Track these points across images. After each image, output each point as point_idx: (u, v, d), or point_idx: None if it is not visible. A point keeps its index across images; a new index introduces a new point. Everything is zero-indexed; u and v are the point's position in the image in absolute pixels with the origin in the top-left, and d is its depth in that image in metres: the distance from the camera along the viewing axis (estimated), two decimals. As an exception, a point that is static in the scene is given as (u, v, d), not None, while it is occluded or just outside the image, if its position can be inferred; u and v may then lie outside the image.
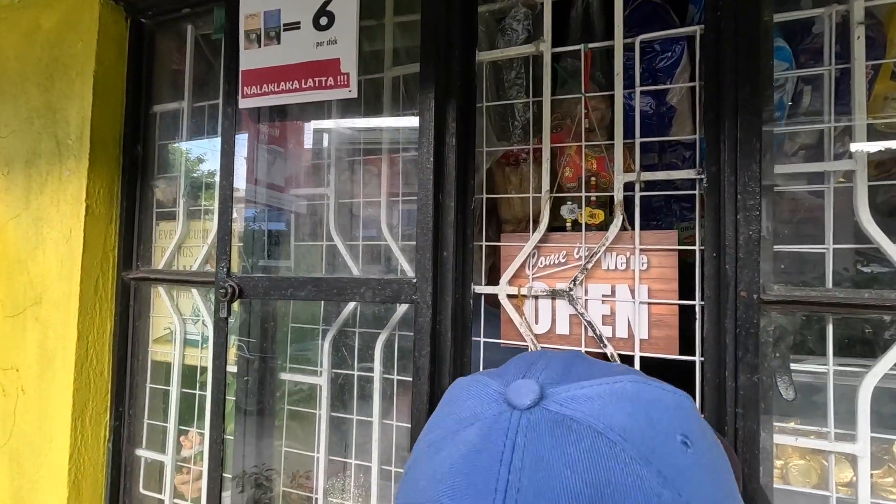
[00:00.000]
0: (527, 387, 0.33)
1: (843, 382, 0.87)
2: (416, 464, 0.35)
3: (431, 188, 0.91)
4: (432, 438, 0.36)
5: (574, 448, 0.30)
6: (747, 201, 0.85)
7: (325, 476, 1.19)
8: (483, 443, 0.32)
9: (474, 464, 0.31)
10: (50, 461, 1.38)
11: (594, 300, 1.02)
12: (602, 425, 0.31)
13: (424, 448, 0.36)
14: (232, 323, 1.09)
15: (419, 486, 0.33)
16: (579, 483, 0.29)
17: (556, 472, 0.29)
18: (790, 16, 0.90)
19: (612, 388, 0.34)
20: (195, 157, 1.48)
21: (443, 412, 0.38)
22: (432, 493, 0.31)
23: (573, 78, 1.11)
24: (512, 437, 0.31)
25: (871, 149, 0.84)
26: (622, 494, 0.28)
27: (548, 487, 0.28)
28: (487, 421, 0.33)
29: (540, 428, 0.31)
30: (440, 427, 0.36)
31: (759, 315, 0.84)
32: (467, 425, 0.34)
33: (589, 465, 0.29)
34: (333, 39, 0.95)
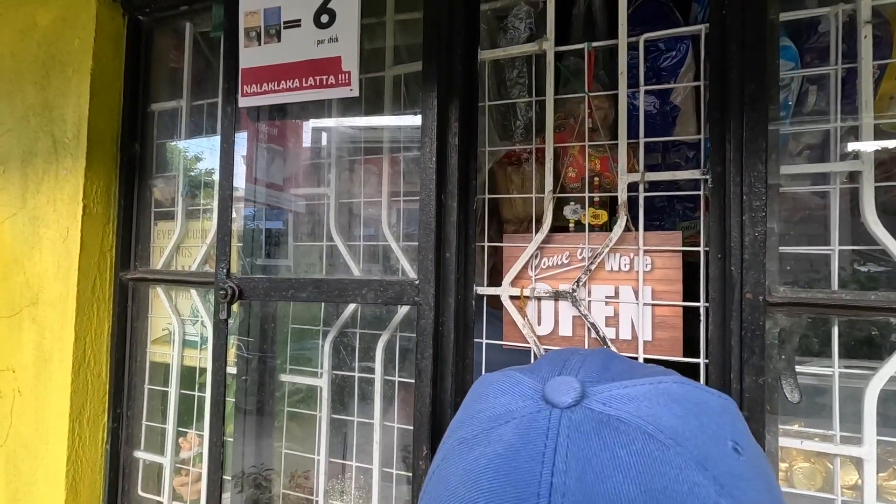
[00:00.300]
0: (566, 384, 0.31)
1: (848, 385, 0.86)
2: (445, 462, 0.33)
3: (434, 188, 0.90)
4: (463, 436, 0.33)
5: (625, 451, 0.28)
6: (753, 202, 0.84)
7: (326, 478, 1.18)
8: (521, 442, 0.29)
9: (513, 464, 0.29)
10: (47, 463, 1.37)
11: (597, 301, 1.01)
12: (652, 427, 0.29)
13: (455, 445, 0.33)
14: (232, 324, 1.08)
15: (450, 486, 0.31)
16: (633, 488, 0.26)
17: (606, 475, 0.27)
18: (796, 14, 0.89)
19: (657, 389, 0.32)
20: (194, 157, 1.47)
21: (472, 409, 0.36)
22: (466, 494, 0.29)
23: (576, 77, 1.10)
24: (553, 437, 0.29)
25: (879, 149, 0.83)
26: (678, 502, 0.26)
27: (597, 492, 0.26)
28: (525, 419, 0.31)
29: (584, 428, 0.29)
30: (471, 424, 0.34)
31: (764, 317, 0.83)
32: (502, 423, 0.32)
33: (642, 468, 0.27)
34: (335, 37, 0.94)
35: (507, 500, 0.27)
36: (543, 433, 0.29)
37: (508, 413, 0.32)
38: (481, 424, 0.33)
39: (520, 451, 0.29)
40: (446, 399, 0.92)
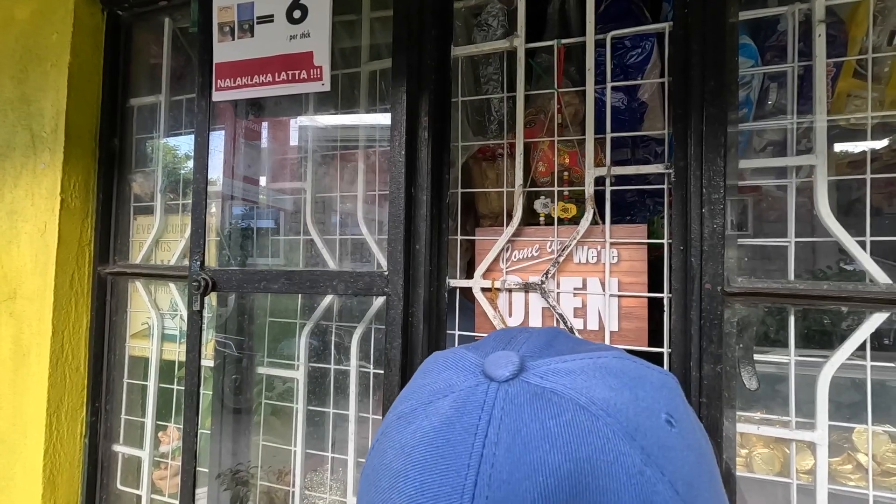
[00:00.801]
0: (506, 358, 0.32)
1: (804, 372, 0.89)
2: (384, 436, 0.33)
3: (403, 181, 0.92)
4: (403, 410, 0.34)
5: (554, 421, 0.28)
6: (712, 195, 0.86)
7: (303, 470, 1.19)
8: (457, 415, 0.30)
9: (447, 437, 0.29)
10: (24, 458, 1.37)
11: (566, 293, 1.03)
12: (584, 399, 0.29)
13: (394, 420, 0.34)
14: (209, 317, 1.09)
15: (386, 458, 0.31)
16: (558, 457, 0.27)
17: (533, 445, 0.28)
18: (755, 13, 0.91)
19: (595, 363, 0.33)
20: (173, 152, 1.47)
21: (416, 384, 0.36)
22: (399, 465, 0.30)
23: (548, 74, 1.12)
24: (488, 410, 0.29)
25: (832, 145, 0.86)
26: (603, 471, 0.27)
27: (524, 461, 0.27)
28: (463, 393, 0.31)
29: (518, 400, 0.30)
30: (412, 398, 0.34)
31: (722, 306, 0.85)
32: (441, 396, 0.32)
33: (569, 438, 0.28)
34: (307, 33, 0.95)
35: (437, 471, 0.28)
36: (479, 406, 0.30)
37: (448, 387, 0.32)
38: (420, 399, 0.33)
39: (455, 423, 0.30)
40: (416, 388, 0.93)
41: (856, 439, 0.91)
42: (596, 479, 0.27)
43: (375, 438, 0.35)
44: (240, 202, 1.24)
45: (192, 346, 1.05)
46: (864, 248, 0.82)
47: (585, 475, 0.27)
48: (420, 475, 0.28)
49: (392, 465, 0.30)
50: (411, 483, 0.28)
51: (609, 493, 0.26)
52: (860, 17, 0.92)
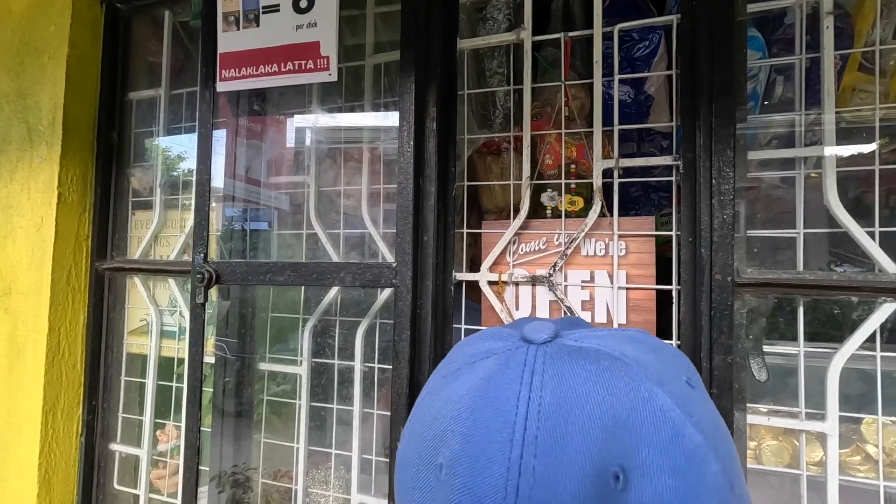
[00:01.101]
0: (543, 325, 0.35)
1: (813, 364, 0.89)
2: (429, 395, 0.35)
3: (412, 172, 0.91)
4: (447, 370, 0.36)
5: (594, 366, 0.31)
6: (722, 186, 0.86)
7: (306, 467, 1.17)
8: (501, 369, 0.33)
9: (495, 385, 0.32)
10: (19, 456, 1.34)
11: (574, 286, 1.03)
12: (617, 353, 0.33)
13: (439, 380, 0.36)
14: (210, 312, 1.07)
15: (433, 409, 0.34)
16: (600, 391, 0.30)
17: (576, 383, 0.30)
18: (763, 6, 0.92)
19: (620, 333, 0.36)
20: (172, 146, 1.46)
21: (456, 353, 0.38)
22: (450, 412, 0.32)
23: (553, 67, 1.12)
24: (531, 364, 0.32)
25: (840, 137, 0.86)
26: (640, 406, 0.30)
27: (568, 397, 0.30)
28: (505, 353, 0.34)
29: (558, 355, 0.33)
30: (455, 362, 0.36)
31: (732, 297, 0.85)
32: (484, 357, 0.35)
33: (608, 378, 0.31)
34: (313, 22, 0.94)
35: (489, 411, 0.30)
36: (521, 362, 0.33)
37: (489, 351, 0.35)
38: (464, 360, 0.36)
39: (500, 376, 0.32)
40: (423, 381, 0.92)
41: (864, 430, 0.91)
42: (634, 412, 0.30)
43: (419, 399, 0.37)
44: (241, 197, 1.22)
45: (194, 340, 1.03)
46: (874, 238, 0.83)
47: (625, 408, 0.29)
48: (472, 415, 0.31)
49: (442, 413, 0.33)
50: (464, 422, 0.31)
51: (646, 425, 0.29)
52: (866, 9, 0.93)
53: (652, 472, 0.28)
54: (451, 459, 0.30)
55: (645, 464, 0.28)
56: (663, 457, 0.28)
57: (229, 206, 1.19)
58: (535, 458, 0.28)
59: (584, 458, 0.28)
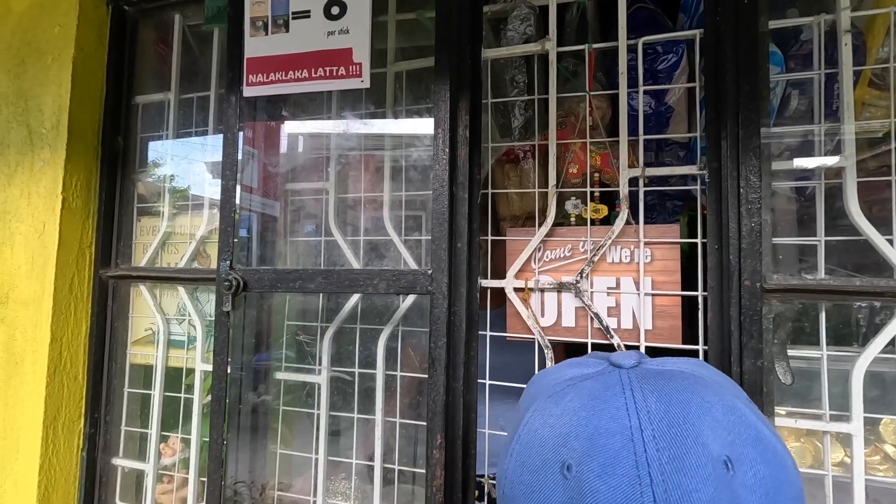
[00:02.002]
0: (628, 354, 0.41)
1: (834, 367, 0.92)
2: (536, 414, 0.39)
3: (447, 178, 0.91)
4: (549, 392, 0.40)
5: (683, 382, 0.37)
6: (749, 195, 0.89)
7: (325, 478, 1.15)
8: (602, 387, 0.38)
9: (602, 398, 0.37)
10: (16, 473, 1.28)
11: (599, 293, 1.04)
12: (696, 373, 0.39)
13: (545, 400, 0.40)
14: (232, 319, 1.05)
15: (549, 422, 0.38)
16: (696, 399, 0.36)
17: (674, 394, 0.36)
18: (783, 23, 0.96)
19: (688, 360, 0.42)
20: (181, 150, 1.42)
21: (547, 380, 0.42)
22: (570, 421, 0.36)
23: (575, 77, 1.14)
24: (626, 382, 0.38)
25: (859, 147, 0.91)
26: (729, 412, 0.36)
27: (673, 403, 0.36)
28: (600, 376, 0.39)
29: (648, 375, 0.38)
30: (552, 387, 0.40)
31: (761, 303, 0.88)
32: (582, 380, 0.40)
33: (698, 391, 0.37)
34: (345, 29, 0.94)
35: (604, 420, 0.35)
36: (618, 381, 0.38)
37: (584, 375, 0.40)
38: (564, 383, 0.40)
39: (603, 391, 0.38)
40: (458, 388, 0.92)
41: (882, 431, 0.95)
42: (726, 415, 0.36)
43: (525, 419, 0.40)
44: (259, 203, 1.20)
45: (220, 348, 1.01)
46: (893, 245, 0.86)
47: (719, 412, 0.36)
48: (591, 421, 0.36)
49: (560, 423, 0.37)
50: (585, 428, 0.35)
51: (737, 426, 0.35)
52: (877, 28, 0.98)
53: (748, 461, 0.34)
54: (579, 459, 0.34)
55: (742, 455, 0.34)
56: (754, 451, 0.34)
57: (245, 213, 1.17)
58: (659, 452, 0.32)
59: (700, 449, 0.33)
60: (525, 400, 0.44)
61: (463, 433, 0.94)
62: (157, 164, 1.43)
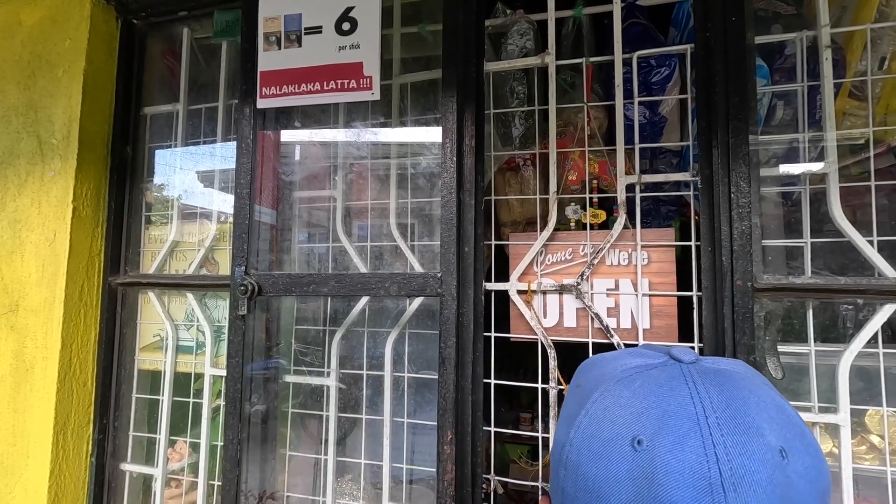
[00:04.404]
0: (686, 351, 0.45)
1: (822, 362, 0.97)
2: (606, 392, 0.44)
3: (455, 185, 0.96)
4: (619, 377, 0.44)
5: (740, 380, 0.42)
6: (740, 199, 0.95)
7: (334, 478, 1.18)
8: (668, 377, 0.42)
9: (668, 387, 0.41)
10: (26, 479, 1.29)
11: (599, 294, 1.09)
12: (749, 373, 0.44)
13: (612, 384, 0.44)
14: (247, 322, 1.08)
15: (619, 402, 0.42)
16: (753, 398, 0.40)
17: (734, 389, 0.40)
18: (768, 38, 1.02)
19: (736, 361, 0.47)
20: (189, 160, 1.46)
21: (611, 366, 0.47)
22: (640, 402, 0.41)
23: (573, 89, 1.19)
24: (688, 375, 0.42)
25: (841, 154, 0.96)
26: (780, 407, 0.41)
27: (734, 397, 0.40)
28: (665, 367, 0.44)
29: (706, 371, 0.42)
30: (619, 371, 0.45)
31: (752, 301, 0.93)
32: (647, 369, 0.44)
33: (756, 387, 0.42)
34: (356, 44, 0.99)
35: (672, 405, 0.39)
36: (680, 373, 0.42)
37: (649, 365, 0.45)
38: (632, 370, 0.45)
39: (668, 381, 0.42)
40: (467, 386, 0.96)
41: (868, 422, 1.00)
42: (778, 412, 0.40)
43: (591, 398, 0.44)
44: (268, 210, 1.24)
45: (234, 351, 1.04)
46: (874, 246, 0.92)
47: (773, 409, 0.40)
48: (660, 404, 0.40)
49: (631, 403, 0.41)
50: (655, 409, 0.39)
51: (786, 423, 0.40)
52: (855, 44, 1.04)
53: (797, 452, 0.38)
54: (650, 436, 0.38)
55: (793, 447, 0.38)
56: (801, 444, 0.39)
57: (255, 216, 1.20)
58: (723, 437, 0.36)
59: (759, 438, 0.37)
60: (588, 380, 0.48)
61: (471, 431, 0.98)
62: (165, 173, 1.46)
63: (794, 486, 0.36)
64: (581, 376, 0.50)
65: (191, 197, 1.43)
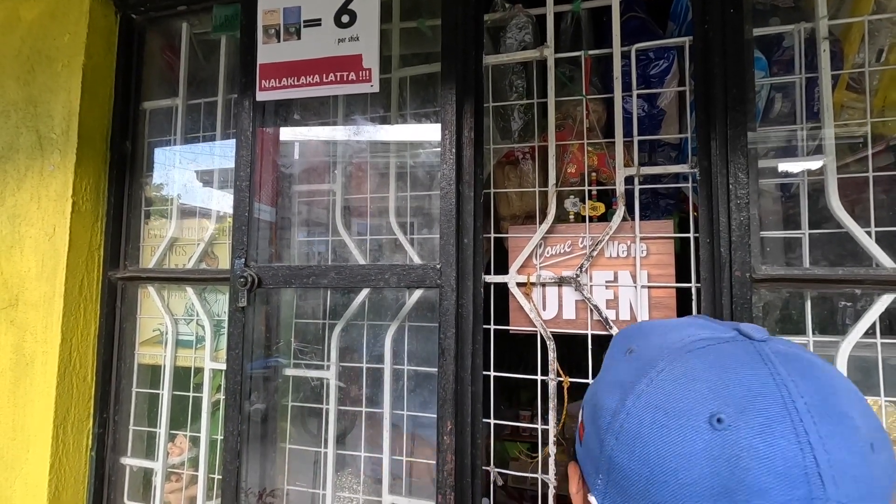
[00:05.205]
0: (756, 327, 0.42)
1: (820, 353, 0.97)
2: (677, 364, 0.41)
3: (454, 177, 0.96)
4: (689, 347, 0.41)
5: (817, 362, 0.39)
6: (738, 191, 0.95)
7: (334, 471, 1.18)
8: (744, 353, 0.39)
9: (749, 364, 0.38)
10: (26, 473, 1.29)
11: (598, 286, 1.10)
12: (817, 356, 0.40)
13: (683, 354, 0.41)
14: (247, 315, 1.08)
15: (694, 374, 0.39)
16: (836, 383, 0.38)
17: (816, 373, 0.37)
18: (767, 30, 1.02)
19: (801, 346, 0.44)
20: (188, 155, 1.46)
21: (671, 335, 0.44)
22: (720, 377, 0.38)
23: (571, 82, 1.20)
24: (765, 354, 0.39)
25: (839, 145, 0.97)
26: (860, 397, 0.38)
27: (822, 383, 0.37)
28: (738, 343, 0.41)
29: (781, 352, 0.39)
30: (690, 343, 0.42)
31: (751, 291, 0.94)
32: (719, 343, 0.41)
33: (838, 375, 0.39)
34: (355, 36, 0.99)
35: (755, 385, 0.37)
36: (754, 351, 0.39)
37: (720, 338, 0.41)
38: (703, 342, 0.41)
39: (745, 358, 0.39)
40: (466, 377, 0.96)
41: (866, 412, 1.00)
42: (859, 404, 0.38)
43: (656, 366, 0.42)
44: (268, 203, 1.24)
45: (234, 343, 1.04)
46: (871, 237, 0.93)
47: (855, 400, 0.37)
48: (742, 383, 0.37)
49: (707, 377, 0.38)
50: (737, 388, 0.37)
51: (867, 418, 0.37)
52: (853, 36, 1.05)
53: (881, 445, 0.36)
54: (733, 416, 0.36)
55: (878, 439, 0.36)
56: (881, 436, 0.37)
57: (254, 210, 1.20)
58: (816, 424, 0.34)
59: (853, 429, 0.35)
60: (646, 347, 0.45)
61: (471, 422, 0.98)
62: (165, 168, 1.46)
63: (878, 481, 0.35)
64: (633, 341, 0.47)
65: (190, 192, 1.44)
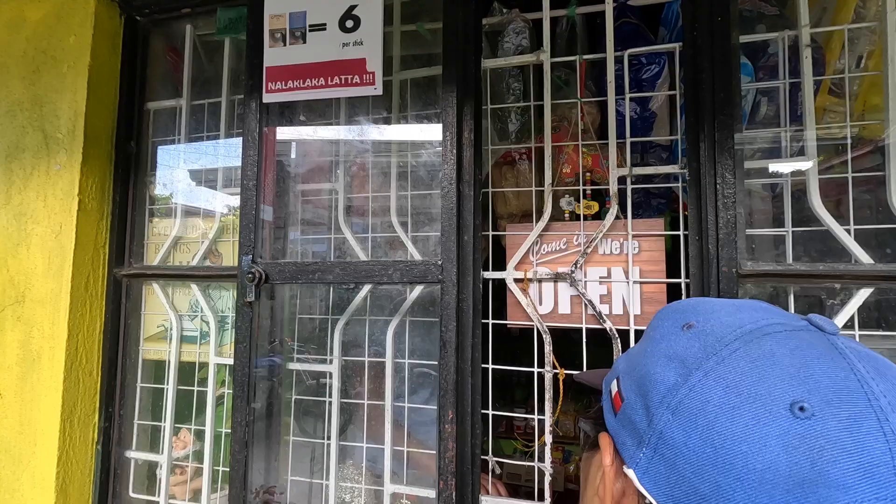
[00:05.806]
0: (826, 319, 0.41)
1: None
2: (752, 345, 0.40)
3: (454, 177, 1.00)
4: (765, 330, 0.40)
5: (884, 359, 0.38)
6: (725, 190, 1.00)
7: (336, 464, 1.22)
8: (821, 342, 0.38)
9: (829, 354, 0.37)
10: (34, 467, 1.32)
11: (592, 282, 1.14)
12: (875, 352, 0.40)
13: (758, 336, 0.40)
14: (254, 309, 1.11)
15: (774, 359, 0.38)
16: None
17: (884, 364, 0.37)
18: (752, 37, 1.07)
19: None
20: (192, 155, 1.49)
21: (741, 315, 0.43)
22: (804, 364, 0.37)
23: (567, 85, 1.24)
24: (838, 346, 0.38)
25: (820, 147, 1.02)
26: None
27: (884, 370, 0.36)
28: (811, 333, 0.40)
29: (852, 346, 0.38)
30: (766, 326, 0.41)
31: (737, 287, 0.98)
32: (795, 330, 0.40)
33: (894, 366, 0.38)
34: (359, 41, 1.03)
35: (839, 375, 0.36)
36: (827, 342, 0.38)
37: (793, 325, 0.40)
38: (777, 326, 0.40)
39: (825, 348, 0.38)
40: (466, 369, 1.01)
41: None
42: None
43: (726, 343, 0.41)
44: (272, 201, 1.28)
45: (242, 336, 1.07)
46: (850, 234, 0.98)
47: None
48: (825, 372, 0.36)
49: (789, 362, 0.37)
50: (823, 378, 0.36)
51: None
52: (834, 43, 1.10)
53: None
54: (819, 406, 0.34)
55: None
56: None
57: (260, 210, 1.24)
58: None
59: None
60: (712, 324, 0.43)
61: (471, 412, 1.02)
62: (169, 167, 1.49)
63: None
64: (691, 316, 0.45)
65: (194, 191, 1.47)
